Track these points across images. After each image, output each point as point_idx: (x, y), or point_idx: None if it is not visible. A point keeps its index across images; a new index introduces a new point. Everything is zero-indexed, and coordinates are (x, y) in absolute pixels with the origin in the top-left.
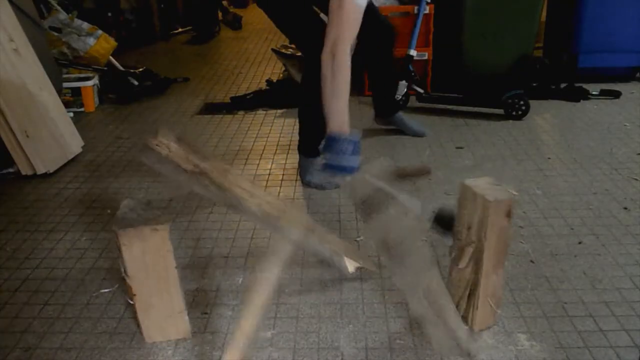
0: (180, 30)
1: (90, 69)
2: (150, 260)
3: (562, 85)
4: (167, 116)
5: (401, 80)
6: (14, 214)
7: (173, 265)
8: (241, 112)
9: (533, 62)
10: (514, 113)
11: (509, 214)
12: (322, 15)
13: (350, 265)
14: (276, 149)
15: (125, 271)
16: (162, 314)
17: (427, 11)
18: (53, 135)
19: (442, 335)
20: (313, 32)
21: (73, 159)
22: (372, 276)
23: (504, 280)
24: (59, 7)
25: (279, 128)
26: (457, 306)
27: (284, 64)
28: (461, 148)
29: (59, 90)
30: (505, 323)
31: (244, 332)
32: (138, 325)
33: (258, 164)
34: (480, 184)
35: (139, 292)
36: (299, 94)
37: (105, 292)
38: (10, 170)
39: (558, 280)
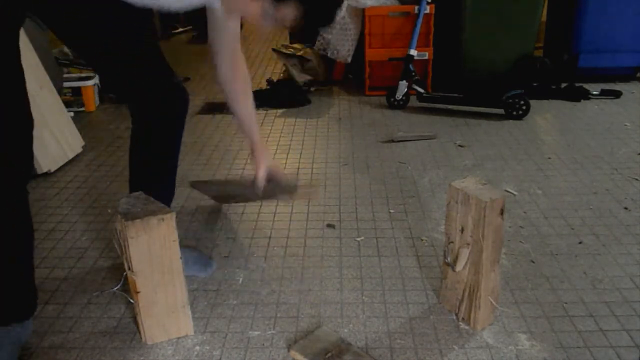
0: (180, 29)
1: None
2: (155, 253)
3: (563, 85)
4: None
5: (401, 80)
6: None
7: (178, 255)
8: None
9: (533, 62)
10: (514, 113)
11: (502, 212)
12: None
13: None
14: (276, 149)
15: (129, 267)
16: (165, 310)
17: (427, 11)
18: (53, 135)
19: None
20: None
21: (73, 159)
22: (372, 276)
23: (504, 280)
24: None
25: (279, 128)
26: (457, 309)
27: (284, 64)
28: (463, 147)
29: (60, 90)
30: (506, 323)
31: None
32: (138, 328)
33: None
34: (469, 185)
35: (143, 288)
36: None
37: (105, 291)
38: None
39: (558, 280)
